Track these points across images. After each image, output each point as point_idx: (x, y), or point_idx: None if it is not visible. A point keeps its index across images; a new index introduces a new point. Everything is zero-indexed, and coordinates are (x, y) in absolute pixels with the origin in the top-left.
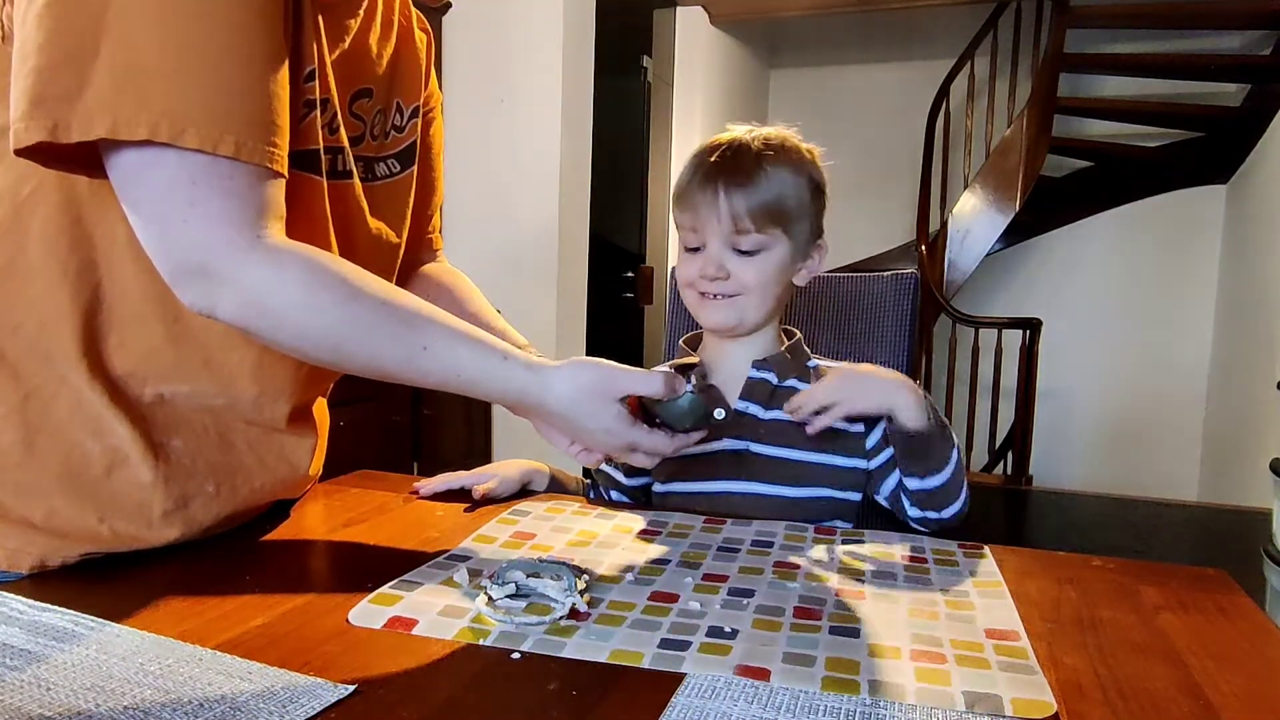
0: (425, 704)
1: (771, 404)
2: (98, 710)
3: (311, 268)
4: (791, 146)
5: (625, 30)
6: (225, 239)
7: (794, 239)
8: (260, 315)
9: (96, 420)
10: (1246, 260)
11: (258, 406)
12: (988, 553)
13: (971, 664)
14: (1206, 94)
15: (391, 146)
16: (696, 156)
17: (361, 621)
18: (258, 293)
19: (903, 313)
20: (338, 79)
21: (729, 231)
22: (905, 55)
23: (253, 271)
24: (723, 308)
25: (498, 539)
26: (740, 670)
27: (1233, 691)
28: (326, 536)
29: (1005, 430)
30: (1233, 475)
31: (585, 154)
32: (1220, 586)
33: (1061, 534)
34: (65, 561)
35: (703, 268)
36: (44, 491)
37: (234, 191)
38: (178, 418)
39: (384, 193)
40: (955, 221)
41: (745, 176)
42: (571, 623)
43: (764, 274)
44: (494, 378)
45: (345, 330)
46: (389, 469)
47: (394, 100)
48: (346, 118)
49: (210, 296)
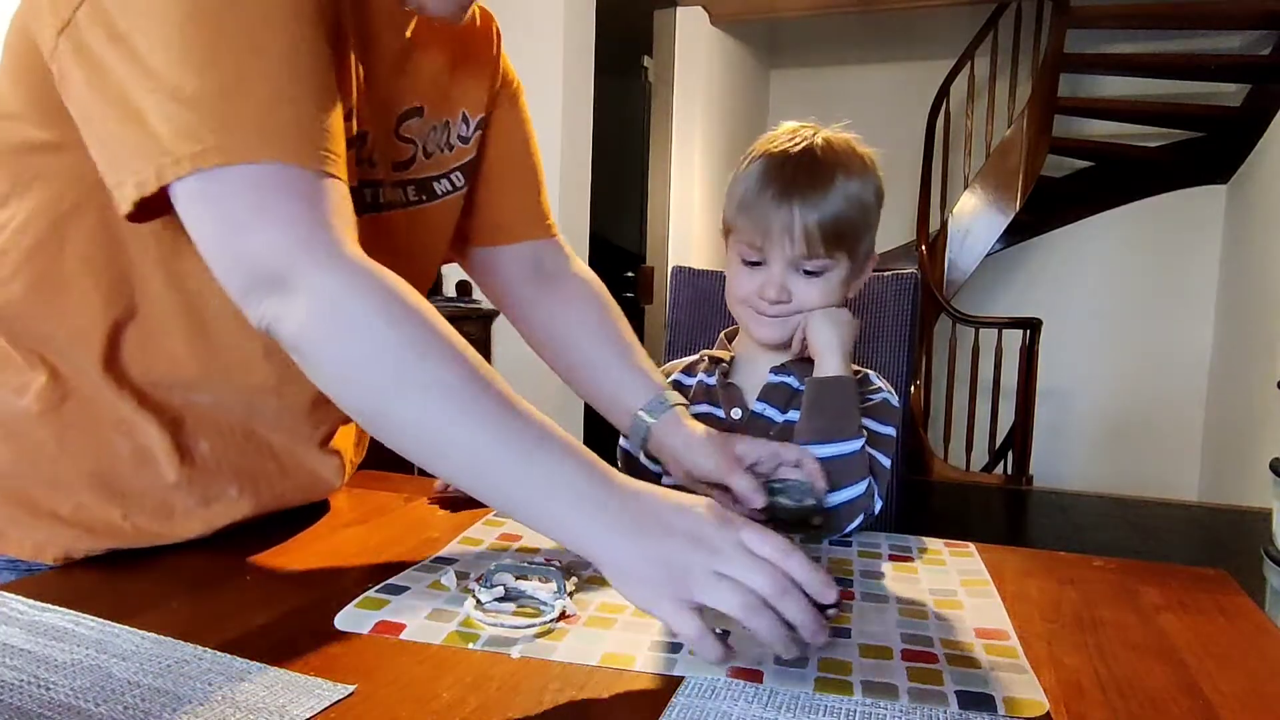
0: (425, 704)
1: (789, 407)
2: (98, 710)
3: (393, 289)
4: (858, 155)
5: (625, 30)
6: (300, 242)
7: (857, 256)
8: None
9: (127, 421)
10: (1246, 260)
11: (279, 420)
12: (973, 550)
13: (963, 663)
14: (1206, 94)
15: (454, 159)
16: (764, 166)
17: (348, 626)
18: (330, 301)
19: (903, 313)
20: (378, 105)
21: (801, 254)
22: (905, 55)
23: (329, 278)
24: (778, 325)
25: (485, 540)
26: (734, 673)
27: (1232, 691)
28: (327, 536)
29: (1005, 430)
30: (1233, 475)
31: (585, 154)
32: (1220, 586)
33: (1061, 534)
34: (90, 553)
35: (762, 288)
36: (73, 487)
37: (301, 194)
38: (206, 422)
39: (439, 211)
40: (955, 221)
41: (820, 196)
42: (562, 625)
43: (825, 296)
44: (590, 521)
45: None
46: (389, 469)
47: (458, 110)
48: (391, 144)
49: (281, 307)
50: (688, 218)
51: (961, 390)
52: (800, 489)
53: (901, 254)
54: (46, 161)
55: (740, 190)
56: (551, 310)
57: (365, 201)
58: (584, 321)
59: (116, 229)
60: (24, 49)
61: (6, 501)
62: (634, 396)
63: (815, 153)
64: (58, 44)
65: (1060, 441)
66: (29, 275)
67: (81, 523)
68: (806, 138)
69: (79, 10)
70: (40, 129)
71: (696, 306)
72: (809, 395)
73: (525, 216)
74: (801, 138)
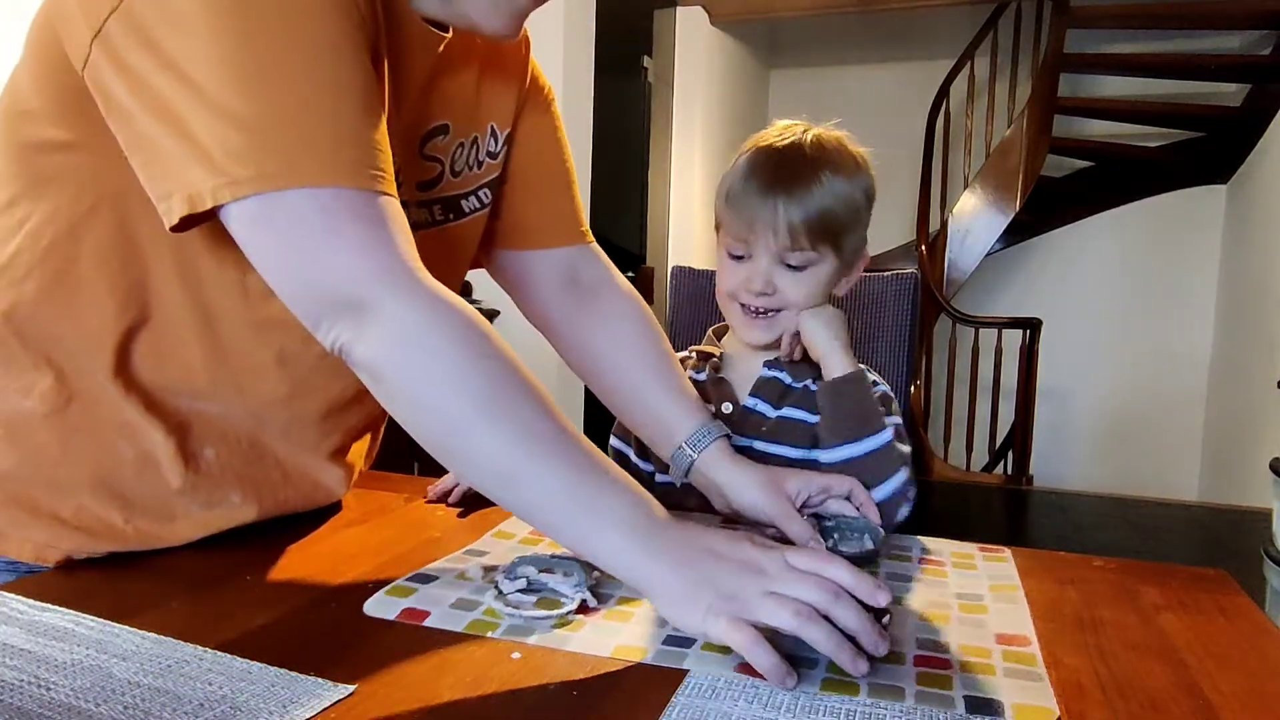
0: (425, 704)
1: (782, 403)
2: (98, 710)
3: (476, 326)
4: (848, 153)
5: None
6: (377, 267)
7: (843, 253)
8: (405, 356)
9: (132, 425)
10: (1246, 260)
11: (287, 431)
12: (1008, 556)
13: (976, 669)
14: (1206, 94)
15: (484, 175)
16: (751, 160)
17: (376, 612)
18: (412, 329)
19: (903, 313)
20: (405, 126)
21: (784, 247)
22: (905, 55)
23: (409, 305)
24: (765, 326)
25: (516, 535)
26: (741, 669)
27: (1232, 691)
28: (328, 536)
29: (1005, 430)
30: (1233, 475)
31: (585, 154)
32: (1220, 586)
33: (1061, 534)
34: (91, 555)
35: (748, 281)
36: (75, 489)
37: (368, 218)
38: (212, 429)
39: (465, 229)
40: (955, 221)
41: (804, 190)
42: (579, 618)
43: (810, 292)
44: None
45: (487, 406)
46: (389, 469)
47: (486, 125)
48: (416, 164)
49: (357, 330)
50: (688, 218)
51: (961, 390)
52: (856, 528)
53: (901, 254)
54: (63, 161)
55: (728, 184)
56: (591, 326)
57: None
58: (626, 341)
59: (134, 234)
60: (47, 46)
61: (8, 503)
62: (677, 425)
63: (803, 149)
64: (90, 50)
65: (1060, 441)
66: (43, 276)
67: (83, 525)
68: (796, 134)
69: (112, 16)
70: (58, 128)
71: (696, 306)
72: (827, 398)
73: (557, 221)
74: (791, 134)
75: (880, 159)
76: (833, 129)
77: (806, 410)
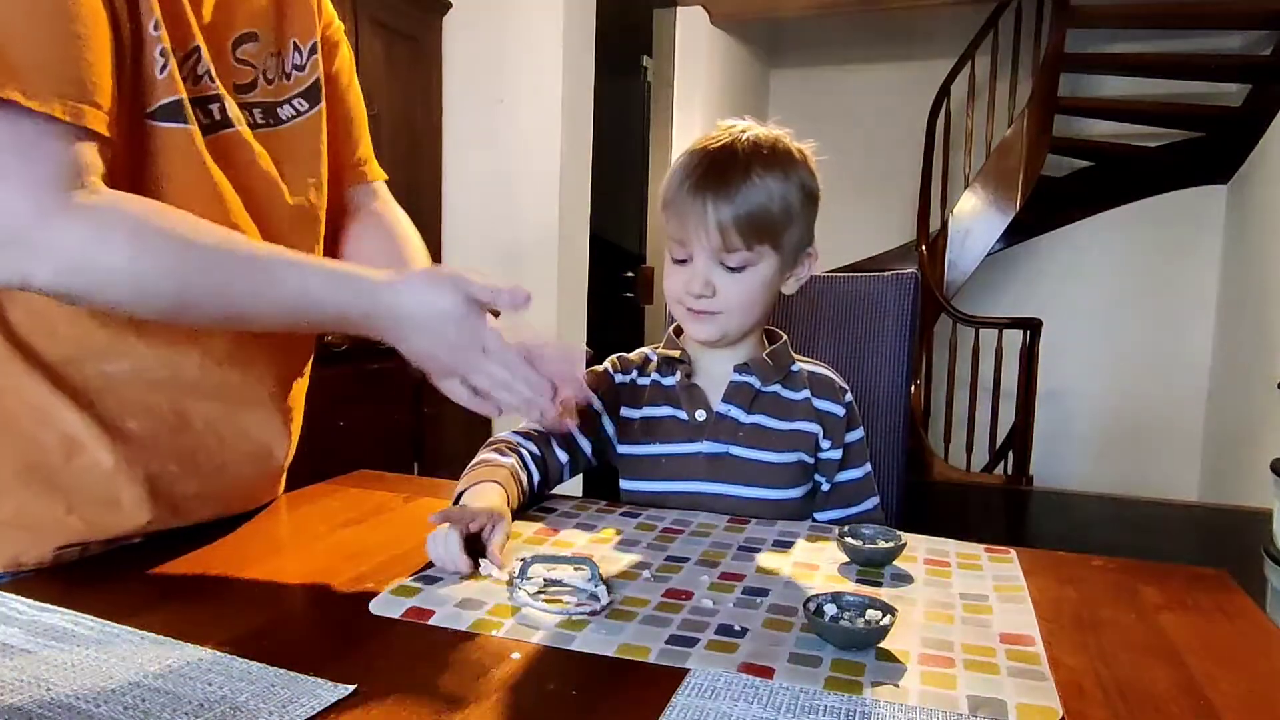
0: (425, 704)
1: (753, 408)
2: (98, 710)
3: (137, 220)
4: (783, 150)
5: (625, 30)
6: (34, 203)
7: (783, 251)
8: (84, 278)
9: (44, 410)
10: (1247, 260)
11: (205, 379)
12: (1013, 556)
13: (980, 668)
14: (1207, 94)
15: (294, 87)
16: (684, 162)
17: (382, 611)
18: (79, 255)
19: (903, 313)
20: (212, 25)
21: (717, 247)
22: (905, 55)
23: (69, 234)
24: (708, 323)
25: (523, 534)
26: (744, 668)
27: (1233, 692)
28: (326, 536)
29: (1006, 430)
30: (1233, 475)
31: (585, 154)
32: (1220, 586)
33: (1061, 534)
34: (41, 561)
35: (688, 284)
36: (8, 488)
37: (39, 155)
38: (129, 399)
39: (293, 135)
40: (955, 221)
41: (734, 189)
42: (585, 616)
43: (750, 292)
44: (343, 288)
45: (185, 277)
46: (389, 469)
47: (289, 40)
48: (228, 65)
49: (22, 266)
50: None
51: (962, 390)
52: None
53: (901, 254)
54: None
55: (664, 188)
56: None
57: (214, 118)
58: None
59: None
60: None
61: None
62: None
63: (734, 148)
64: None
65: (1061, 442)
66: None
67: (27, 525)
68: (733, 134)
69: None
70: None
71: None
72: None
73: (338, 174)
74: (728, 135)
75: (880, 159)
76: (774, 127)
77: (778, 419)
